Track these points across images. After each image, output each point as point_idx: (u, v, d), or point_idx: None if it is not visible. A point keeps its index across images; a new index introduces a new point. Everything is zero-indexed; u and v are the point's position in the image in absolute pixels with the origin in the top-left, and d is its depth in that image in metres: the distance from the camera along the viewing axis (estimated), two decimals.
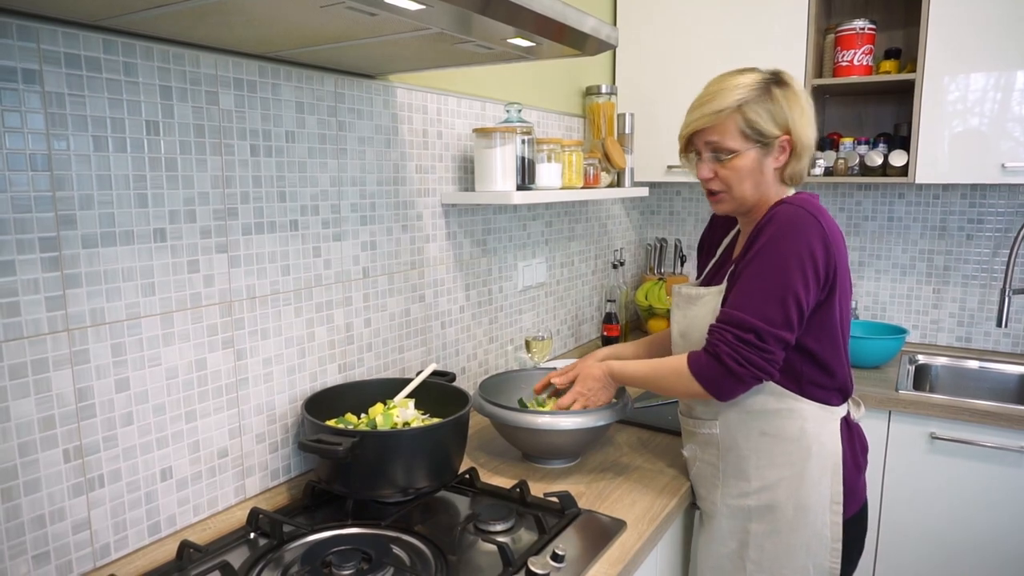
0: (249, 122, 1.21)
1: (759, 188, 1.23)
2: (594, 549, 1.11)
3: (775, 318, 1.13)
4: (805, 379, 1.21)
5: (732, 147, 1.20)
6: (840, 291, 1.19)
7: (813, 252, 1.13)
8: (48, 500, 0.98)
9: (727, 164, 1.21)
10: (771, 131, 1.19)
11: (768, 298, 1.13)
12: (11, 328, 0.93)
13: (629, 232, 2.74)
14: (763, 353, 1.13)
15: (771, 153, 1.21)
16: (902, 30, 2.32)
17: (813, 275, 1.13)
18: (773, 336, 1.13)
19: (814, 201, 1.20)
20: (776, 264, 1.13)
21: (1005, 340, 2.32)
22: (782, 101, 1.18)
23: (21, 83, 0.91)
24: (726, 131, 1.20)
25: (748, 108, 1.18)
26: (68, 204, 0.97)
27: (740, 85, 1.19)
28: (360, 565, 1.01)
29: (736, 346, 1.14)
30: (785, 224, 1.14)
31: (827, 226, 1.15)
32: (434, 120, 1.64)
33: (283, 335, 1.32)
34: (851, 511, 1.25)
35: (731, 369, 1.14)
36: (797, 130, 1.19)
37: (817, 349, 1.20)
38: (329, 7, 0.86)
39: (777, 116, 1.19)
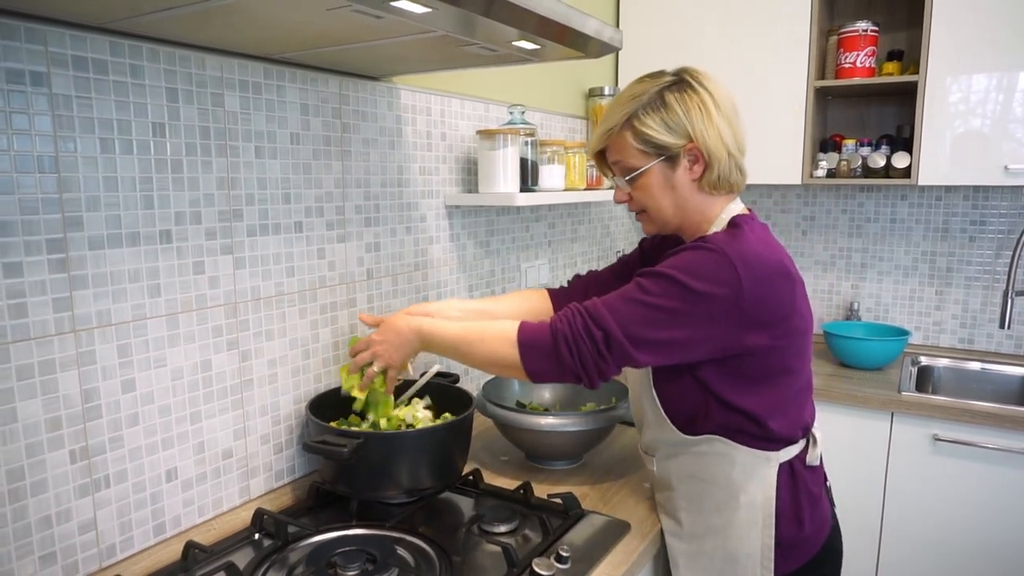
0: (254, 124, 1.22)
1: (680, 205, 1.10)
2: (598, 550, 1.11)
3: (638, 336, 1.00)
4: (733, 428, 1.08)
5: (633, 165, 1.09)
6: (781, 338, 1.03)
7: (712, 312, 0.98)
8: (55, 501, 0.99)
9: (635, 184, 1.11)
10: (669, 142, 1.06)
11: (646, 318, 1.00)
12: (18, 329, 0.93)
13: (632, 233, 2.74)
14: (599, 359, 1.01)
15: (679, 165, 1.07)
16: (905, 32, 2.32)
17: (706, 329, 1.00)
18: (621, 351, 1.00)
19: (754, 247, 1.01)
20: (672, 294, 0.99)
21: (1008, 342, 2.32)
22: (677, 107, 1.05)
23: (29, 85, 0.92)
24: (623, 149, 1.10)
25: (638, 121, 1.07)
26: (75, 206, 0.98)
27: (631, 97, 1.08)
28: (365, 566, 1.02)
29: (579, 335, 1.01)
30: (694, 259, 1.00)
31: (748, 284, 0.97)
32: (438, 122, 1.64)
33: (288, 336, 1.32)
34: (797, 563, 1.12)
35: (559, 352, 1.02)
36: (701, 136, 1.05)
37: (746, 403, 1.05)
38: (335, 10, 0.86)
39: (673, 124, 1.05)
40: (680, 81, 1.08)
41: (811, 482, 1.14)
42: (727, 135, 1.07)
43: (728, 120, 1.07)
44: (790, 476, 1.11)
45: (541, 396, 1.64)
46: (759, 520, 1.09)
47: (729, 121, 1.07)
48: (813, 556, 1.14)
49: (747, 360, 1.04)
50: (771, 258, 1.02)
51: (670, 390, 1.12)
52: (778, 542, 1.09)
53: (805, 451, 1.13)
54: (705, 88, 1.07)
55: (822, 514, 1.17)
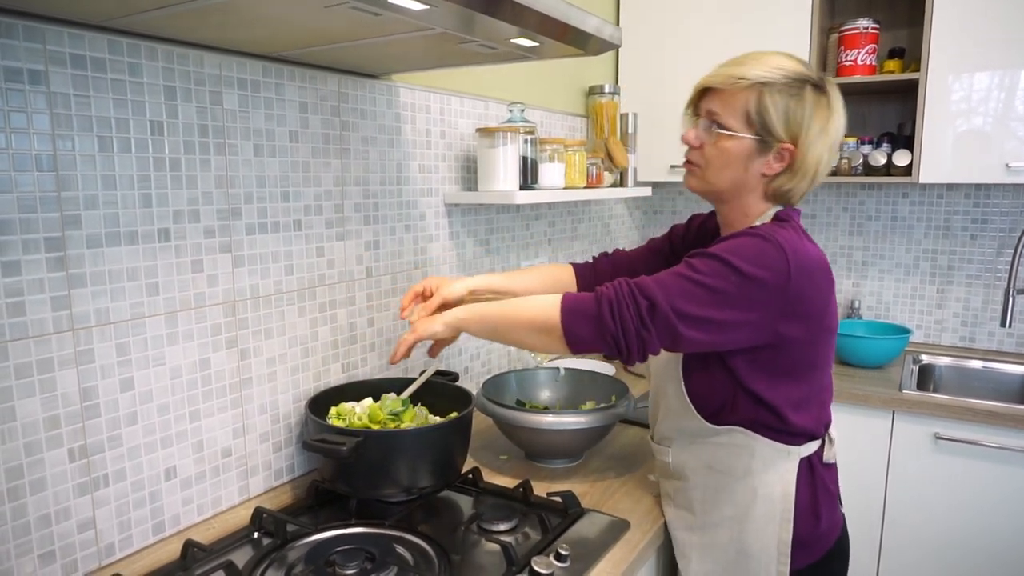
0: (253, 122, 1.21)
1: (736, 185, 1.08)
2: (598, 549, 1.11)
3: (684, 309, 0.98)
4: (757, 422, 1.08)
5: (730, 124, 1.05)
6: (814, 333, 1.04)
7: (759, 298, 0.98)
8: (53, 499, 0.99)
9: (718, 141, 1.07)
10: (777, 131, 1.03)
11: (692, 294, 0.98)
12: (16, 328, 0.93)
13: (632, 232, 2.73)
14: (643, 329, 0.98)
15: (766, 155, 1.05)
16: (906, 29, 2.31)
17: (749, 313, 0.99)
18: (665, 323, 0.98)
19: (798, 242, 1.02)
20: (721, 275, 0.98)
21: (1009, 340, 2.32)
22: (807, 106, 1.03)
23: (27, 84, 0.92)
24: (733, 105, 1.05)
25: (768, 93, 1.02)
26: (73, 204, 0.98)
27: (776, 66, 1.03)
28: (364, 564, 1.02)
29: (625, 302, 0.99)
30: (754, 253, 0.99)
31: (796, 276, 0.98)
32: (437, 120, 1.64)
33: (286, 335, 1.32)
34: (810, 559, 1.11)
35: (602, 318, 0.99)
36: (805, 145, 1.03)
37: (772, 396, 1.06)
38: (333, 7, 0.86)
39: (792, 120, 1.03)
40: (822, 86, 1.05)
41: (828, 479, 1.14)
42: (824, 160, 1.06)
43: (832, 148, 1.07)
44: (809, 472, 1.11)
45: (541, 395, 1.64)
46: (777, 514, 1.09)
47: (832, 149, 1.07)
48: (825, 553, 1.14)
49: (780, 352, 1.04)
50: (816, 253, 1.03)
51: (699, 379, 1.11)
52: (794, 537, 1.08)
53: (822, 448, 1.13)
54: (836, 108, 1.06)
55: (837, 512, 1.17)
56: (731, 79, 1.05)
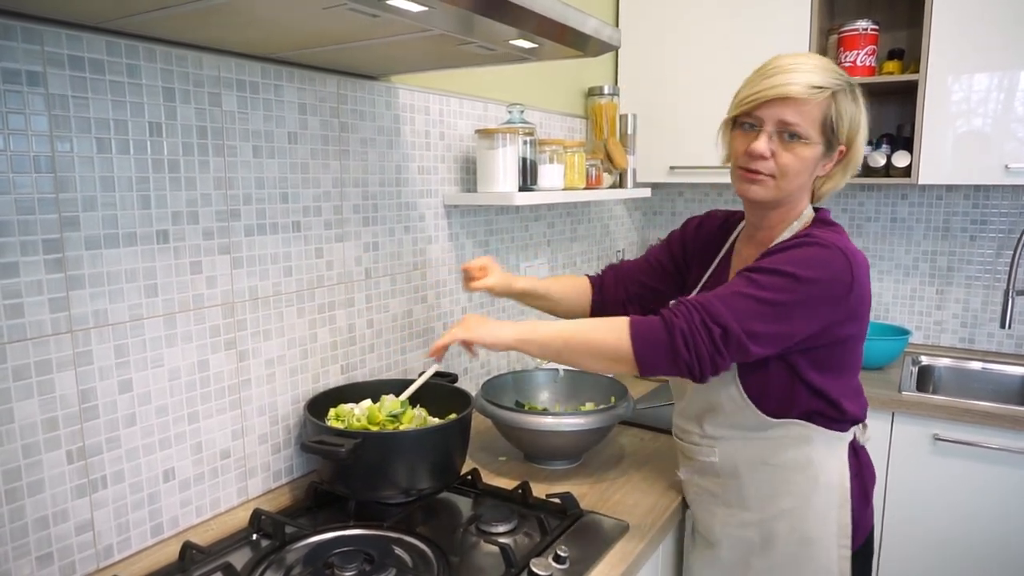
0: (251, 123, 1.21)
1: (799, 187, 1.11)
2: (597, 551, 1.11)
3: (756, 331, 1.00)
4: (813, 412, 1.12)
5: (810, 134, 1.06)
6: (864, 328, 1.12)
7: (834, 292, 1.02)
8: (52, 501, 0.99)
9: (794, 150, 1.06)
10: (841, 136, 1.08)
11: (762, 313, 1.01)
12: (15, 330, 0.93)
13: (631, 233, 2.73)
14: (717, 355, 1.01)
15: (828, 157, 1.10)
16: (905, 31, 2.31)
17: (826, 314, 1.03)
18: (738, 344, 1.00)
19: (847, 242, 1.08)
20: (788, 288, 1.00)
21: (1008, 341, 2.32)
22: (861, 109, 1.09)
23: (25, 85, 0.92)
24: (809, 114, 1.05)
25: (839, 100, 1.06)
26: (71, 206, 0.97)
27: (834, 71, 1.06)
28: (362, 566, 1.02)
29: (696, 329, 1.00)
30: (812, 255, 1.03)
31: (856, 279, 1.03)
32: (436, 121, 1.64)
33: (285, 336, 1.32)
34: (857, 543, 1.16)
35: (676, 348, 1.00)
36: (857, 146, 1.10)
37: (828, 387, 1.10)
38: (331, 9, 0.86)
39: (853, 123, 1.08)
40: (857, 91, 1.10)
41: (868, 460, 1.21)
42: (861, 156, 1.13)
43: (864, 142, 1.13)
44: (854, 455, 1.16)
45: (540, 396, 1.64)
46: (835, 499, 1.13)
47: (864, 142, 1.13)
48: (869, 533, 1.20)
49: (839, 348, 1.09)
50: (862, 254, 1.09)
51: (757, 377, 1.12)
52: (852, 520, 1.13)
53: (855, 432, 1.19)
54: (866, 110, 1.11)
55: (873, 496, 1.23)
56: (810, 89, 1.04)
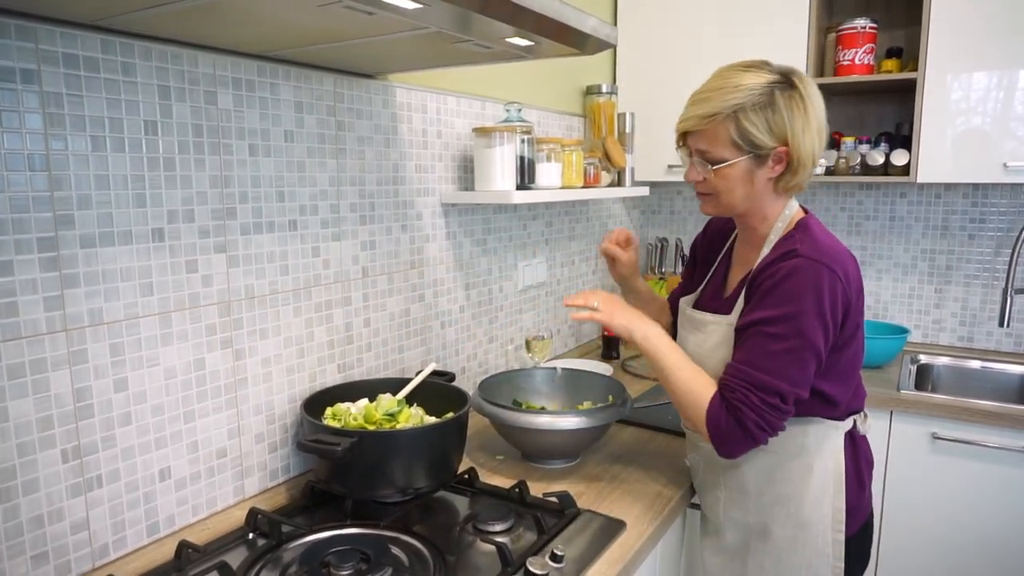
0: (248, 122, 1.21)
1: (750, 198, 1.15)
2: (593, 549, 1.11)
3: (799, 378, 1.08)
4: (811, 407, 1.15)
5: (722, 156, 1.11)
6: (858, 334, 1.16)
7: (834, 309, 1.07)
8: (46, 500, 0.98)
9: (717, 172, 1.13)
10: (766, 143, 1.08)
11: (792, 359, 1.07)
12: (9, 328, 0.93)
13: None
14: (784, 415, 1.09)
15: (764, 164, 1.11)
16: (904, 29, 2.31)
17: (833, 330, 1.09)
18: (795, 396, 1.08)
19: (828, 243, 1.12)
20: (799, 324, 1.06)
21: (1007, 340, 2.32)
22: (784, 111, 1.07)
23: (19, 83, 0.91)
24: (716, 139, 1.10)
25: (744, 116, 1.07)
26: (66, 204, 0.97)
27: (740, 87, 1.07)
28: (359, 565, 1.01)
29: (762, 411, 1.07)
30: (807, 283, 1.06)
31: (844, 276, 1.08)
32: (433, 119, 1.64)
33: (282, 335, 1.32)
34: (854, 528, 1.20)
35: (751, 433, 1.08)
36: (797, 143, 1.09)
37: (825, 388, 1.14)
38: (326, 6, 0.86)
39: (776, 127, 1.08)
40: (789, 83, 1.09)
41: (866, 450, 1.26)
42: (817, 145, 1.11)
43: (820, 130, 1.11)
44: (852, 443, 1.20)
45: (537, 395, 1.64)
46: (830, 486, 1.17)
47: (820, 132, 1.11)
48: (864, 521, 1.23)
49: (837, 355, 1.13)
50: (843, 249, 1.13)
51: None
52: (847, 505, 1.17)
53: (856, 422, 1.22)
54: (810, 95, 1.10)
55: (871, 480, 1.26)
56: (706, 120, 1.10)
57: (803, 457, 1.17)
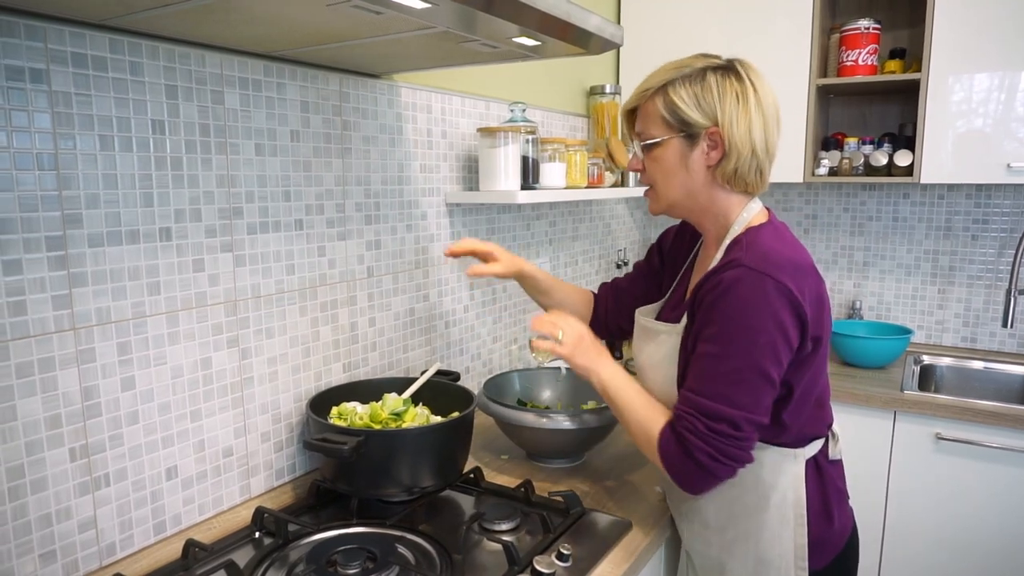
0: (254, 121, 1.21)
1: (689, 189, 1.08)
2: (599, 549, 1.11)
3: (748, 403, 0.98)
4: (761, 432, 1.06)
5: (653, 133, 1.07)
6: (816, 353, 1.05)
7: (783, 325, 0.97)
8: (54, 499, 0.98)
9: (650, 154, 1.08)
10: (695, 119, 1.03)
11: (738, 382, 0.98)
12: (17, 327, 0.93)
13: (633, 232, 2.73)
14: (739, 442, 0.99)
15: (697, 146, 1.05)
16: (907, 30, 2.31)
17: (785, 347, 0.98)
18: (748, 421, 0.98)
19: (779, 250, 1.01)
20: (742, 344, 0.97)
21: (1010, 340, 2.32)
22: (715, 88, 1.03)
23: (28, 82, 0.91)
24: (649, 115, 1.07)
25: (672, 90, 1.04)
26: (74, 203, 0.97)
27: (676, 66, 1.06)
28: (365, 564, 1.01)
29: (710, 438, 0.98)
30: (747, 297, 0.97)
31: (795, 287, 0.97)
32: (438, 119, 1.64)
33: (288, 334, 1.32)
34: (824, 560, 1.11)
35: (704, 465, 0.99)
36: (727, 122, 1.02)
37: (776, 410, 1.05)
38: (335, 5, 0.86)
39: (704, 103, 1.03)
40: (728, 68, 1.05)
41: (836, 476, 1.15)
42: (757, 131, 1.04)
43: (764, 119, 1.04)
44: (816, 472, 1.10)
45: (542, 394, 1.64)
46: (791, 519, 1.08)
47: (765, 120, 1.04)
48: (839, 552, 1.14)
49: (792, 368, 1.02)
50: (797, 256, 1.02)
51: None
52: (810, 540, 1.08)
53: (826, 445, 1.13)
54: (751, 81, 1.04)
55: (847, 509, 1.17)
56: (640, 94, 1.09)
57: (759, 489, 1.08)
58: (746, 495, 1.09)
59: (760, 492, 1.09)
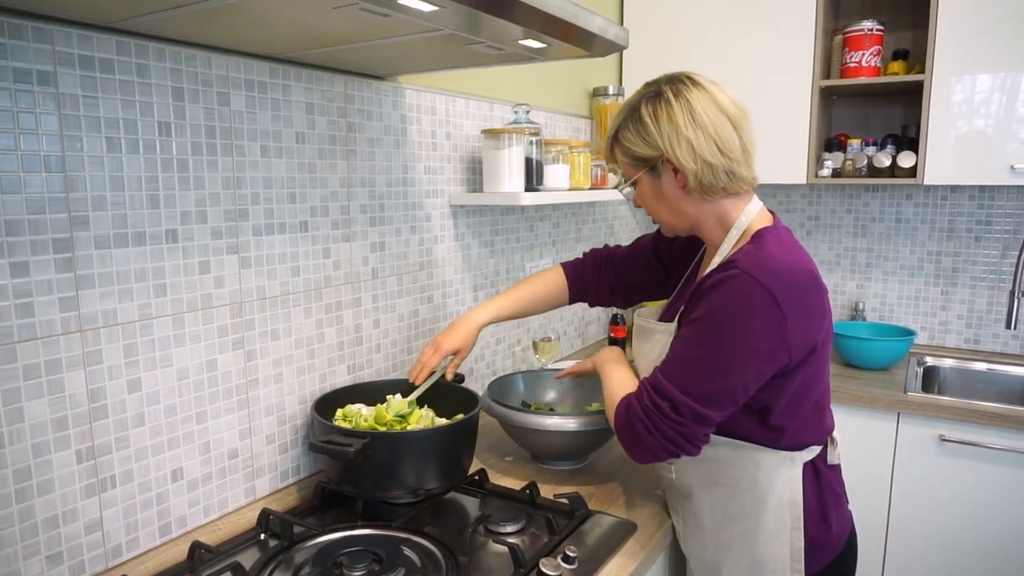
0: (260, 123, 1.21)
1: (676, 210, 1.11)
2: (605, 551, 1.11)
3: (695, 391, 0.99)
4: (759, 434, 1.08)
5: (628, 175, 1.14)
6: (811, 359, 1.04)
7: (759, 332, 0.97)
8: (61, 501, 0.99)
9: (637, 192, 1.15)
10: (646, 154, 1.08)
11: (695, 370, 1.00)
12: (25, 329, 0.93)
13: (636, 233, 2.73)
14: (676, 425, 1.00)
15: (663, 175, 1.08)
16: (910, 31, 2.31)
17: (754, 355, 0.98)
18: (689, 409, 0.99)
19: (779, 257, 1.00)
20: (712, 337, 0.99)
21: (1014, 342, 2.32)
22: (648, 120, 1.06)
23: (36, 85, 0.92)
24: (618, 161, 1.15)
25: (622, 134, 1.11)
26: (81, 205, 0.98)
27: (620, 110, 1.13)
28: (371, 566, 1.01)
29: (649, 410, 1.01)
30: (732, 297, 0.98)
31: (783, 295, 0.96)
32: (443, 121, 1.64)
33: (293, 336, 1.32)
34: (821, 563, 1.11)
35: (639, 435, 1.02)
36: (669, 147, 1.04)
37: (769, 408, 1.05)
38: (342, 8, 0.86)
39: (647, 136, 1.07)
40: (657, 94, 1.08)
41: (834, 481, 1.15)
42: (701, 144, 1.03)
43: (705, 127, 1.04)
44: (814, 475, 1.11)
45: (546, 396, 1.64)
46: (787, 521, 1.09)
47: (706, 128, 1.04)
48: (837, 555, 1.14)
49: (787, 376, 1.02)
50: (800, 267, 1.01)
51: None
52: (806, 542, 1.09)
53: (825, 450, 1.13)
54: (682, 98, 1.05)
55: (845, 513, 1.17)
56: (605, 150, 1.17)
57: (755, 491, 1.09)
58: (742, 497, 1.10)
59: (757, 494, 1.09)
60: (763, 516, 1.09)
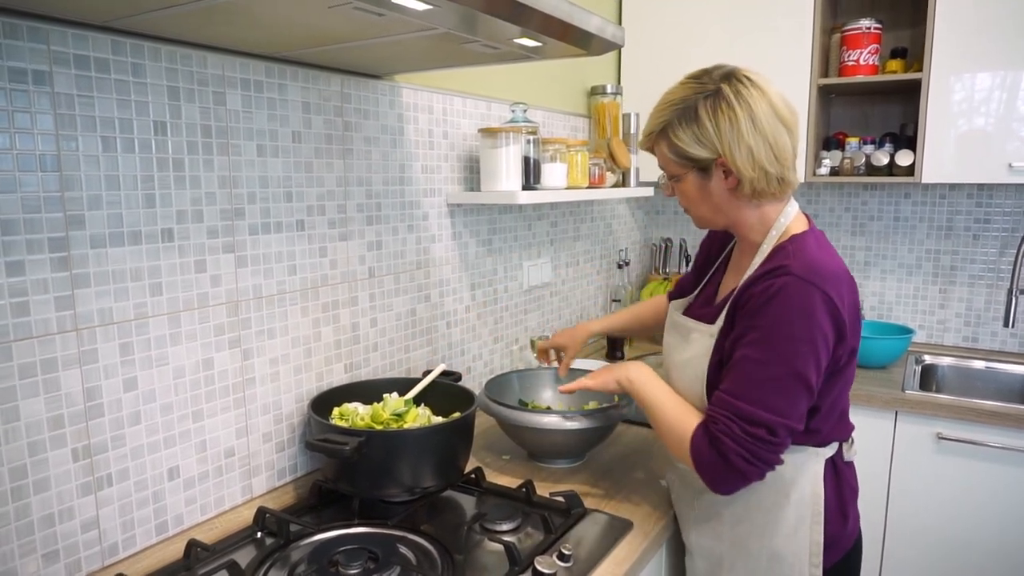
0: (256, 122, 1.22)
1: (719, 209, 1.10)
2: (600, 549, 1.11)
3: (786, 409, 1.00)
4: None
5: (671, 171, 1.11)
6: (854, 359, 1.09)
7: (826, 336, 1.00)
8: (57, 499, 0.99)
9: (678, 187, 1.12)
10: (700, 155, 1.05)
11: (778, 388, 1.00)
12: (20, 328, 0.93)
13: (634, 232, 2.73)
14: (773, 447, 1.00)
15: (712, 176, 1.07)
16: (908, 30, 2.31)
17: (826, 356, 1.01)
18: (784, 427, 1.00)
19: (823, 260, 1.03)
20: (785, 351, 0.99)
21: (1012, 340, 2.32)
22: (707, 122, 1.03)
23: (31, 84, 0.92)
24: (663, 156, 1.10)
25: (672, 132, 1.06)
26: (77, 204, 0.98)
27: (670, 103, 1.07)
28: (367, 564, 1.02)
29: (744, 441, 0.99)
30: (795, 306, 0.99)
31: (838, 299, 1.00)
32: (440, 120, 1.64)
33: (289, 335, 1.32)
34: (834, 558, 1.12)
35: (737, 468, 1.00)
36: (731, 151, 1.03)
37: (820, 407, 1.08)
38: (337, 8, 0.86)
39: (703, 138, 1.04)
40: (717, 92, 1.04)
41: (850, 476, 1.18)
42: (760, 151, 1.03)
43: (765, 135, 1.03)
44: (833, 471, 1.13)
45: (543, 395, 1.64)
46: (807, 517, 1.10)
47: (766, 136, 1.03)
48: (848, 550, 1.16)
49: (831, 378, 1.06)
50: (838, 266, 1.05)
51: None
52: (825, 538, 1.10)
53: (842, 447, 1.15)
54: (744, 102, 1.03)
55: (857, 509, 1.19)
56: (645, 137, 1.12)
57: (778, 485, 1.09)
58: (765, 490, 1.10)
59: (780, 488, 1.10)
60: (785, 510, 1.10)
